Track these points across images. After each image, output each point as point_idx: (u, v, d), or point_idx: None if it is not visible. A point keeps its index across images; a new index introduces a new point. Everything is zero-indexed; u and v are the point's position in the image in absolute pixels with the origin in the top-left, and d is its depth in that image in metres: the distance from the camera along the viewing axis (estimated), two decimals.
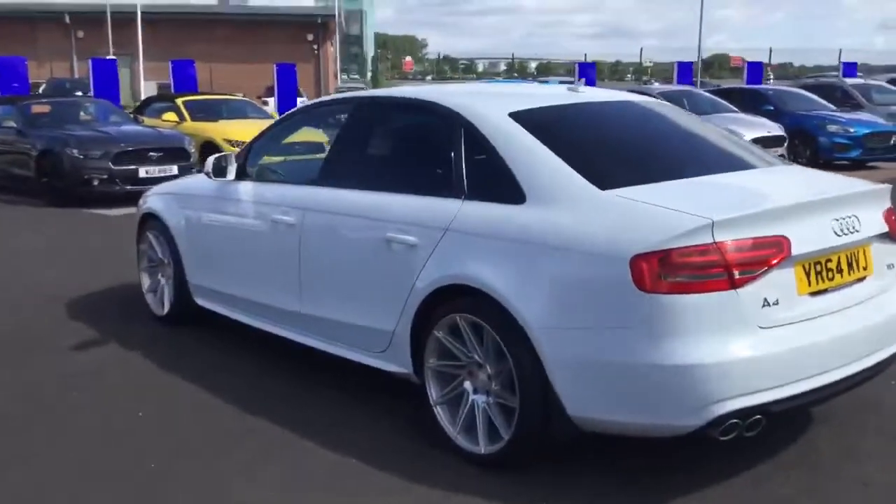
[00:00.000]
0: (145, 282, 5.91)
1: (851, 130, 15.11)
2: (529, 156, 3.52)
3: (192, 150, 12.39)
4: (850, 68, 31.50)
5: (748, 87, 18.84)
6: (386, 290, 3.88)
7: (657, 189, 3.34)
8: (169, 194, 5.62)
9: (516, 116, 3.74)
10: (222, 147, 13.21)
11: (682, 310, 2.94)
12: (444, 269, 3.58)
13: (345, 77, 48.44)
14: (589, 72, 17.85)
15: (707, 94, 16.05)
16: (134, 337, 5.40)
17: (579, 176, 3.36)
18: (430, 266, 3.63)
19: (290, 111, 5.05)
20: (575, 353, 3.13)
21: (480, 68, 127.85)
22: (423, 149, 4.13)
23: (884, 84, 19.05)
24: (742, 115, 14.91)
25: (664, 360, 2.94)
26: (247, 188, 4.86)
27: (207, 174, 4.97)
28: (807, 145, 15.37)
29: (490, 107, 3.89)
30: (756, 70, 28.25)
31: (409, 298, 3.73)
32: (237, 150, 5.26)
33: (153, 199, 5.75)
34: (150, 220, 5.73)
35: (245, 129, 13.77)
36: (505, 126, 3.68)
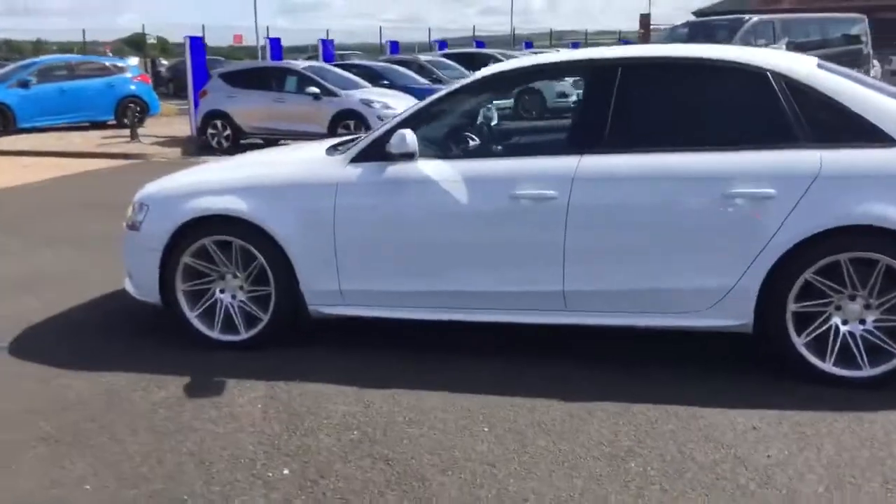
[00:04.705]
0: (187, 305, 4.67)
1: None
2: (877, 104, 3.95)
3: None
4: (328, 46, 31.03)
5: (360, 63, 19.72)
6: (724, 247, 3.96)
7: None
8: (257, 188, 4.51)
9: (821, 68, 4.12)
10: None
11: None
12: (822, 214, 3.82)
13: None
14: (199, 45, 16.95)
15: (337, 69, 16.50)
16: (261, 374, 4.35)
17: None
18: (799, 214, 3.84)
19: (476, 77, 4.44)
20: None
21: None
22: (745, 106, 4.17)
23: (444, 60, 21.55)
24: (388, 91, 15.80)
25: None
26: (444, 168, 4.28)
27: (408, 154, 4.22)
28: None
29: (797, 62, 4.18)
30: (277, 47, 28.57)
31: (764, 250, 3.90)
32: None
33: (215, 200, 4.53)
34: (208, 226, 4.55)
35: None
36: (831, 78, 4.04)
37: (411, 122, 4.41)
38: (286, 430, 3.69)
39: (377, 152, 4.36)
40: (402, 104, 14.89)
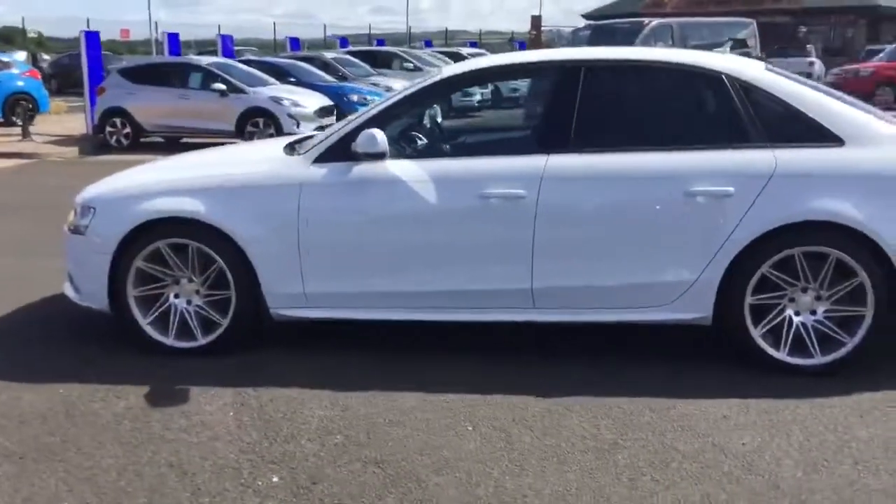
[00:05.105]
0: (139, 312, 4.50)
1: (371, 99, 16.87)
2: (825, 106, 4.17)
3: None
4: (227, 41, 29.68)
5: (264, 59, 19.29)
6: (685, 243, 4.11)
7: None
8: (215, 189, 4.37)
9: (769, 72, 4.32)
10: None
11: None
12: (778, 211, 4.01)
13: None
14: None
15: (243, 65, 16.14)
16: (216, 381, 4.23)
17: (871, 118, 4.18)
18: (757, 211, 4.02)
19: (443, 76, 4.43)
20: None
21: None
22: (702, 107, 4.31)
23: (349, 57, 21.38)
24: (297, 88, 15.55)
25: None
26: (412, 168, 4.26)
27: (378, 154, 4.17)
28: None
29: (749, 66, 4.35)
30: (175, 42, 27.65)
31: (724, 245, 4.06)
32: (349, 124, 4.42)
33: (170, 201, 4.38)
34: (162, 228, 4.40)
35: None
36: (782, 81, 4.24)
37: (376, 121, 4.37)
38: (265, 437, 3.61)
39: (343, 152, 4.31)
40: (312, 102, 14.77)
